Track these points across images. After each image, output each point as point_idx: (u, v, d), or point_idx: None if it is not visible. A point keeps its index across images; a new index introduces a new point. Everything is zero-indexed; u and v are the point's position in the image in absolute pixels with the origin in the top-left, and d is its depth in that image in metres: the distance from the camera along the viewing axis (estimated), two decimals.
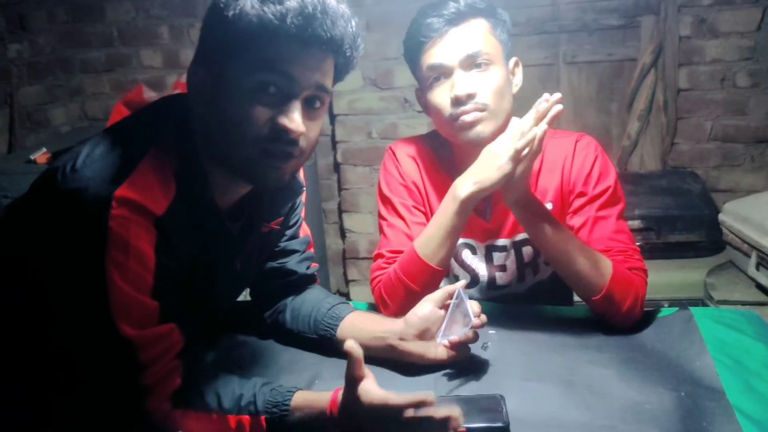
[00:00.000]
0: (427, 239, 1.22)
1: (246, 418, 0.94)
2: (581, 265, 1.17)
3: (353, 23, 0.96)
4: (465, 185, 1.18)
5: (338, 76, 1.02)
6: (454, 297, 1.11)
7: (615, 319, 1.20)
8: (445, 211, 1.20)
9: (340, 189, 2.95)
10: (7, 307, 0.96)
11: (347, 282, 3.07)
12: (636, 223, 2.34)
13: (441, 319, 1.12)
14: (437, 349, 1.12)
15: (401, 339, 1.12)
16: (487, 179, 1.16)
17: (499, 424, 0.94)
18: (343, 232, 3.02)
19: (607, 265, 1.18)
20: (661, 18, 2.56)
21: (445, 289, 1.14)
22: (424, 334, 1.13)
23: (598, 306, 1.19)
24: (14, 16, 2.88)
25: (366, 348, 1.12)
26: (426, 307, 1.13)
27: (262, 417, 0.94)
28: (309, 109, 0.96)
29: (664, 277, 2.13)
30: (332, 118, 2.84)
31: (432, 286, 1.22)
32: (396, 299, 1.24)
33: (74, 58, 2.99)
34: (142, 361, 0.90)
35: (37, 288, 0.91)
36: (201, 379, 0.99)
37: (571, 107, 2.72)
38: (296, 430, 0.93)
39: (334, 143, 2.89)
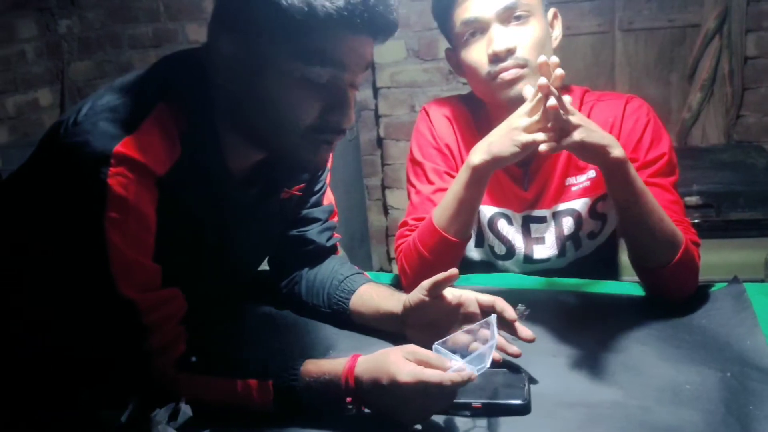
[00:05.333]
0: (443, 208, 1.14)
1: (253, 382, 0.90)
2: (664, 228, 1.06)
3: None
4: (479, 152, 1.09)
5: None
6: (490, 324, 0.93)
7: (674, 292, 1.10)
8: (459, 178, 1.12)
9: (383, 164, 2.89)
10: (11, 266, 0.94)
11: (390, 259, 3.02)
12: (694, 200, 2.20)
13: (442, 311, 1.00)
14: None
15: (406, 329, 1.04)
16: (501, 150, 1.05)
17: (518, 402, 0.87)
18: (386, 209, 2.96)
19: (679, 232, 1.08)
20: None
21: (432, 279, 0.98)
22: (430, 325, 1.01)
23: (667, 275, 1.08)
24: None
25: (374, 321, 1.08)
26: (421, 299, 1.00)
27: (270, 381, 0.89)
28: (352, 91, 0.93)
29: (723, 257, 1.99)
30: (375, 91, 2.78)
31: (449, 258, 1.14)
32: (414, 269, 1.17)
33: (123, 34, 3.01)
34: (145, 325, 0.89)
35: (41, 244, 0.90)
36: (209, 345, 0.96)
37: (627, 77, 2.59)
38: (305, 396, 0.88)
39: (377, 117, 2.83)
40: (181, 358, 0.92)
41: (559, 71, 0.99)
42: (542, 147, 0.99)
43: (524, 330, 0.96)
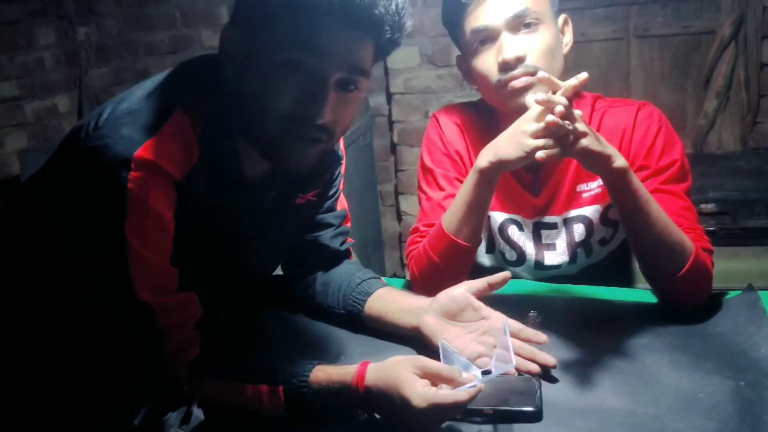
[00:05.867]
0: (452, 213, 1.14)
1: (264, 387, 0.90)
2: (670, 238, 1.06)
3: (398, 0, 0.89)
4: (486, 155, 1.08)
5: (380, 55, 0.95)
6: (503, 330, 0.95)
7: (686, 301, 1.09)
8: (468, 182, 1.12)
9: (396, 170, 2.90)
10: (30, 269, 0.96)
11: (403, 265, 3.02)
12: (710, 207, 2.18)
13: (471, 306, 1.03)
14: (458, 341, 1.01)
15: (425, 317, 1.04)
16: (507, 154, 1.04)
17: (530, 409, 0.87)
18: (399, 215, 2.96)
19: (688, 240, 1.07)
20: None
21: (485, 279, 1.04)
22: (452, 317, 1.04)
23: (677, 285, 1.07)
24: (83, 0, 2.97)
25: (391, 324, 1.09)
26: (458, 290, 1.04)
27: (280, 387, 0.90)
28: (342, 92, 0.91)
29: (739, 265, 1.98)
30: (389, 97, 2.79)
31: (459, 263, 1.15)
32: (424, 275, 1.18)
33: (139, 41, 3.04)
34: (160, 328, 0.89)
35: (59, 247, 0.91)
36: (222, 349, 0.96)
37: (642, 84, 2.57)
38: (315, 403, 0.89)
39: (390, 123, 2.84)
40: (194, 362, 0.93)
41: (571, 82, 0.99)
42: (540, 154, 0.98)
43: (536, 335, 0.97)
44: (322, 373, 0.91)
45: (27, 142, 2.81)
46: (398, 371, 0.86)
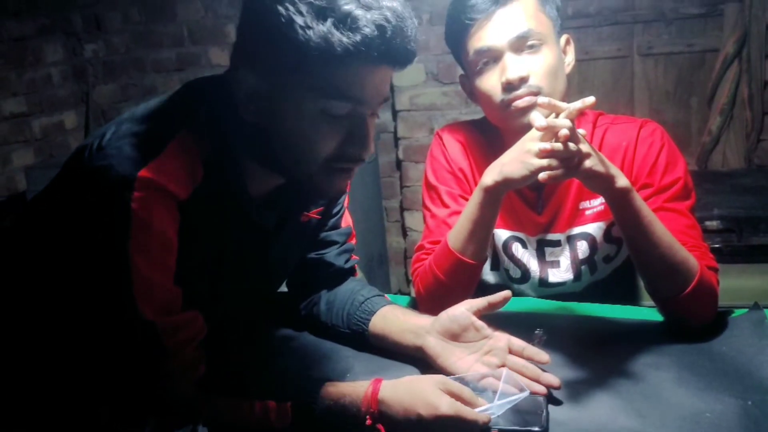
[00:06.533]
0: (458, 230, 1.14)
1: (271, 403, 0.90)
2: (674, 257, 1.05)
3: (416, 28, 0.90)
4: (491, 173, 1.09)
5: None
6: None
7: (692, 319, 1.09)
8: (473, 200, 1.12)
9: (401, 186, 2.90)
10: (35, 287, 0.96)
11: (408, 281, 3.01)
12: (715, 224, 2.18)
13: (472, 326, 1.03)
14: (462, 362, 1.02)
15: (428, 338, 1.04)
16: (512, 172, 1.05)
17: (536, 429, 0.87)
18: (404, 231, 2.97)
19: (693, 259, 1.07)
20: (745, 5, 2.38)
21: (486, 298, 1.04)
22: (454, 337, 1.03)
23: (682, 304, 1.07)
24: (91, 17, 3.01)
25: (394, 344, 1.09)
26: (459, 310, 1.04)
27: (288, 403, 0.90)
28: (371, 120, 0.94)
29: (744, 283, 1.97)
30: (394, 114, 2.81)
31: (465, 280, 1.15)
32: (430, 292, 1.18)
33: (147, 58, 3.07)
34: (166, 348, 0.89)
35: (64, 266, 0.91)
36: (228, 365, 0.97)
37: (646, 102, 2.59)
38: (324, 419, 0.89)
39: (396, 140, 2.85)
40: (200, 380, 0.93)
41: (576, 105, 0.99)
42: (543, 176, 0.99)
43: (538, 354, 0.98)
44: (333, 387, 0.91)
45: (34, 158, 2.83)
46: (421, 385, 0.88)
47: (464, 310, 1.04)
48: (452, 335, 1.03)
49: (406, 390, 0.87)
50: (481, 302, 1.04)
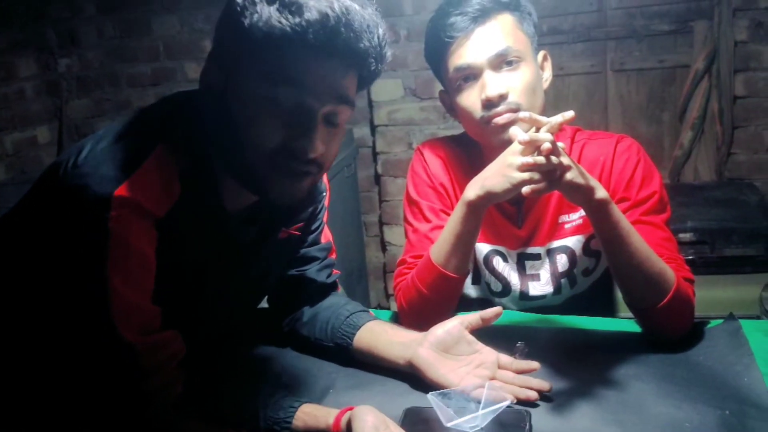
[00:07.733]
0: (440, 244, 1.15)
1: None
2: (651, 268, 1.07)
3: (379, 32, 0.89)
4: (473, 187, 1.10)
5: (362, 86, 0.96)
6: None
7: (669, 330, 1.11)
8: (455, 214, 1.13)
9: (380, 201, 2.91)
10: (10, 305, 0.94)
11: (387, 296, 3.01)
12: (688, 236, 2.21)
13: (465, 340, 1.04)
14: (454, 374, 1.02)
15: (419, 350, 1.04)
16: (494, 186, 1.06)
17: None
18: (384, 246, 2.97)
19: (670, 270, 1.09)
20: (714, 22, 2.43)
21: (478, 314, 1.06)
22: (445, 350, 1.04)
23: (660, 315, 1.08)
24: (65, 32, 2.98)
25: (381, 358, 1.08)
26: (452, 323, 1.05)
27: None
28: (329, 126, 0.91)
29: (718, 293, 2.00)
30: (373, 129, 2.82)
31: (448, 294, 1.16)
32: (413, 307, 1.18)
33: (121, 73, 3.04)
34: (143, 368, 0.87)
35: (39, 286, 0.89)
36: (206, 388, 0.95)
37: (620, 117, 2.62)
38: None
39: (374, 155, 2.86)
40: (177, 401, 0.91)
41: (557, 119, 1.01)
42: (526, 190, 1.00)
43: (528, 365, 1.00)
44: (308, 416, 0.91)
45: (5, 174, 2.78)
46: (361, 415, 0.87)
47: (458, 324, 1.05)
48: (444, 348, 1.04)
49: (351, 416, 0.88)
50: (473, 318, 1.05)
